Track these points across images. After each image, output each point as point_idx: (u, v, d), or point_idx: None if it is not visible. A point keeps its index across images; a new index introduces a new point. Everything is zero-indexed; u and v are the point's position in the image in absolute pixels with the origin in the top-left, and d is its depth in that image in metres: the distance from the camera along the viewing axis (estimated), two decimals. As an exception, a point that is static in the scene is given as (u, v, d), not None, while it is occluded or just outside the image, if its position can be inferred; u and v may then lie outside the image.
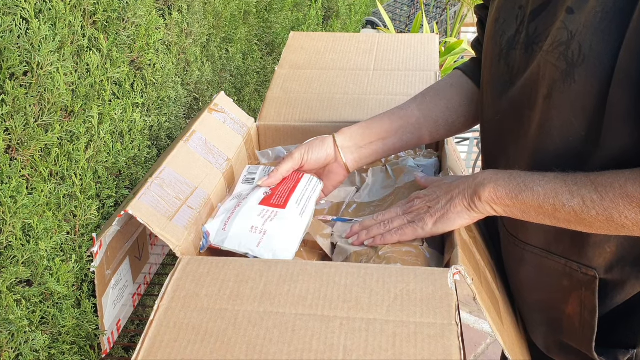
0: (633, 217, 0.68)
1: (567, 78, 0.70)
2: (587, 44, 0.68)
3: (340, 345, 0.66)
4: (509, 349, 0.77)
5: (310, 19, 2.15)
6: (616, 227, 0.70)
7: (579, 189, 0.71)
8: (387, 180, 1.08)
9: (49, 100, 0.81)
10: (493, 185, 0.78)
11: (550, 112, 0.74)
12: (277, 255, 0.85)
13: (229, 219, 0.89)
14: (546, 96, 0.74)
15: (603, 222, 0.71)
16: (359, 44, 1.45)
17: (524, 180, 0.76)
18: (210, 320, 0.70)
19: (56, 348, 0.85)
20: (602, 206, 0.70)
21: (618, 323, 0.82)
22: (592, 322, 0.80)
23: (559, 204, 0.73)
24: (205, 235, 0.88)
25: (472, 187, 0.80)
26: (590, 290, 0.79)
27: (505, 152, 0.85)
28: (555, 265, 0.81)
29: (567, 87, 0.70)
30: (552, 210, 0.74)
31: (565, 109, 0.72)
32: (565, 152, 0.74)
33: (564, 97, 0.71)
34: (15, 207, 0.76)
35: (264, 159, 1.17)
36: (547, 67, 0.73)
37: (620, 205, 0.68)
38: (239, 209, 0.90)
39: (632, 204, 0.68)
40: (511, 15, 0.81)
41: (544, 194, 0.74)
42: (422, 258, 0.85)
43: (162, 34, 1.13)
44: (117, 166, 1.00)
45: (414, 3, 3.80)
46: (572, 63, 0.69)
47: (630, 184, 0.68)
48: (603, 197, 0.69)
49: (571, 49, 0.70)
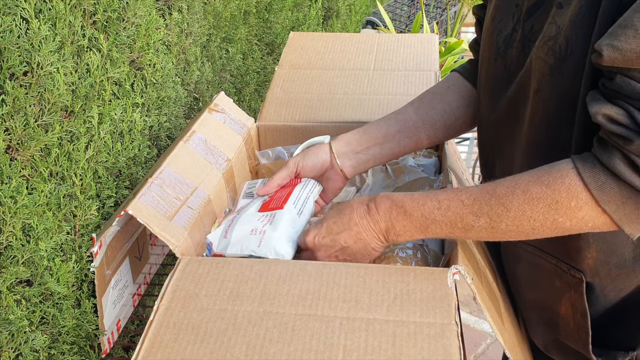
0: (541, 218, 0.68)
1: (555, 72, 0.70)
2: (572, 39, 0.68)
3: (340, 345, 0.66)
4: (510, 349, 0.77)
5: (310, 19, 2.15)
6: (529, 233, 0.71)
7: (480, 206, 0.71)
8: (387, 180, 1.08)
9: (49, 100, 0.81)
10: (395, 227, 0.77)
11: (540, 106, 0.74)
12: (278, 251, 0.85)
13: (230, 227, 0.90)
14: (536, 90, 0.74)
15: (514, 232, 0.71)
16: (359, 44, 1.45)
17: (423, 214, 0.75)
18: (210, 321, 0.70)
19: (56, 348, 0.85)
20: (509, 217, 0.70)
21: (615, 324, 0.81)
22: (585, 324, 0.80)
23: (467, 226, 0.73)
24: (209, 246, 0.90)
25: (377, 224, 0.79)
26: (578, 293, 0.79)
27: (501, 151, 0.85)
28: (548, 265, 0.81)
29: (555, 82, 0.71)
30: (464, 232, 0.74)
31: (552, 102, 0.72)
32: (555, 144, 0.74)
33: (552, 91, 0.71)
34: (15, 207, 0.76)
35: (264, 159, 1.17)
36: (538, 62, 0.73)
37: (527, 210, 0.68)
38: (238, 217, 0.92)
39: (539, 205, 0.68)
40: (508, 13, 0.81)
41: (450, 223, 0.73)
42: (422, 257, 0.85)
43: (162, 34, 1.13)
44: (117, 166, 1.00)
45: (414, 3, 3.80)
46: (560, 57, 0.70)
47: (533, 186, 0.68)
48: (508, 209, 0.69)
49: (558, 43, 0.70)
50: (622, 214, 0.65)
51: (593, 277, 0.78)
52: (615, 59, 0.61)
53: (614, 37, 0.60)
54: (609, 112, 0.63)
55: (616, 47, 0.60)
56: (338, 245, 0.81)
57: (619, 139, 0.63)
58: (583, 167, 0.66)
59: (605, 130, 0.64)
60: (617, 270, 0.77)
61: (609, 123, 0.63)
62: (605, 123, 0.63)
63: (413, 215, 0.75)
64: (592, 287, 0.79)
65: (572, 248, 0.77)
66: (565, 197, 0.66)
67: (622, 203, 0.65)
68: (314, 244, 0.83)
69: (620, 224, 0.66)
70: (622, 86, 0.62)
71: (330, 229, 0.82)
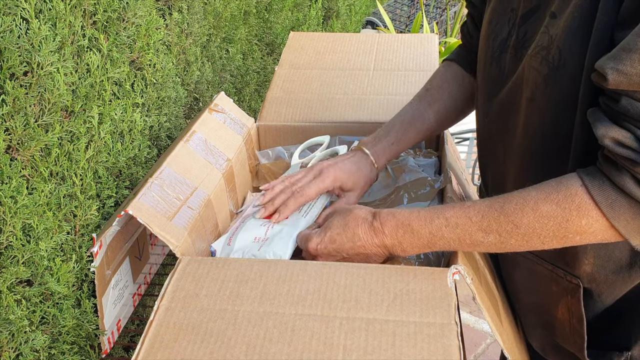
0: (552, 235, 0.69)
1: (549, 82, 0.71)
2: (566, 49, 0.69)
3: (340, 345, 0.66)
4: (508, 349, 0.77)
5: (310, 19, 2.15)
6: (538, 247, 0.71)
7: (489, 223, 0.71)
8: (387, 180, 1.08)
9: (49, 100, 0.82)
10: (402, 244, 0.78)
11: (534, 114, 0.74)
12: (276, 252, 0.85)
13: (234, 234, 0.91)
14: (530, 99, 0.74)
15: (524, 247, 0.72)
16: (359, 44, 1.45)
17: (431, 231, 0.75)
18: (210, 320, 0.70)
19: (56, 348, 0.85)
20: (519, 234, 0.70)
21: (610, 325, 0.81)
22: (581, 330, 0.80)
23: (476, 242, 0.73)
24: (213, 254, 0.90)
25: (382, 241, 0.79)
26: (575, 298, 0.79)
27: (495, 155, 0.85)
28: (544, 270, 0.81)
29: (549, 91, 0.71)
30: (472, 248, 0.75)
31: (548, 112, 0.72)
32: (551, 153, 0.74)
33: (547, 100, 0.72)
34: (16, 207, 0.76)
35: (264, 159, 1.17)
36: (531, 71, 0.73)
37: (537, 228, 0.69)
38: (242, 224, 0.93)
39: (549, 224, 0.68)
40: (504, 18, 0.82)
41: (458, 240, 0.74)
42: (425, 258, 0.85)
43: (162, 34, 1.13)
44: (117, 166, 1.00)
45: (414, 3, 3.80)
46: (554, 67, 0.70)
47: (542, 204, 0.68)
48: (518, 226, 0.70)
49: (552, 53, 0.70)
50: (630, 229, 0.66)
51: (590, 283, 0.78)
52: (620, 83, 0.61)
53: (618, 61, 0.61)
54: (616, 135, 0.63)
55: (621, 71, 0.60)
56: (340, 256, 0.82)
57: (627, 162, 0.63)
58: (592, 184, 0.66)
59: (613, 153, 0.64)
60: (614, 276, 0.77)
61: (617, 146, 0.63)
62: (613, 147, 0.64)
63: (420, 233, 0.76)
64: (589, 292, 0.79)
65: (570, 254, 0.77)
66: (576, 215, 0.67)
67: (631, 219, 0.65)
68: (316, 251, 0.83)
69: (628, 237, 0.67)
70: (628, 109, 0.62)
71: (333, 239, 0.82)
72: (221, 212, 0.99)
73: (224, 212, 1.01)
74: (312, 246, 0.83)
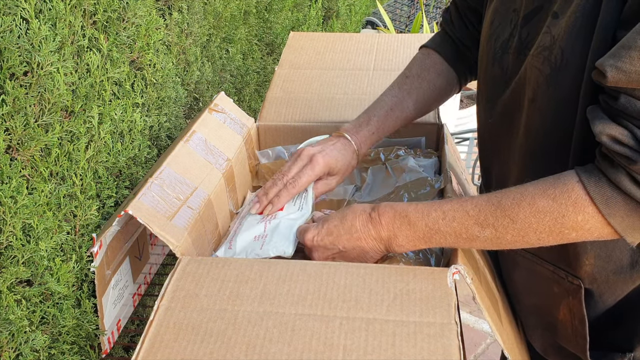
0: (548, 230, 0.69)
1: (551, 82, 0.71)
2: (568, 49, 0.69)
3: (340, 345, 0.66)
4: (508, 349, 0.77)
5: (310, 19, 2.15)
6: (534, 243, 0.71)
7: (485, 217, 0.71)
8: (387, 179, 1.08)
9: (49, 100, 0.82)
10: (398, 237, 0.78)
11: (535, 115, 0.74)
12: (279, 248, 0.85)
13: (233, 238, 0.91)
14: (531, 99, 0.74)
15: (520, 243, 0.72)
16: (359, 44, 1.45)
17: (427, 224, 0.75)
18: (210, 320, 0.70)
19: (56, 348, 0.85)
20: (515, 228, 0.70)
21: (612, 327, 0.81)
22: (582, 331, 0.80)
23: (472, 237, 0.73)
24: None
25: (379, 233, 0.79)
26: (577, 299, 0.79)
27: (498, 156, 0.85)
28: (545, 271, 0.81)
29: (551, 91, 0.71)
30: (468, 243, 0.75)
31: (549, 112, 0.72)
32: (551, 153, 0.74)
33: (548, 100, 0.72)
34: (16, 207, 0.76)
35: (264, 159, 1.17)
36: (533, 71, 0.73)
37: (534, 223, 0.69)
38: (240, 226, 0.93)
39: (545, 219, 0.68)
40: (506, 18, 0.82)
41: (454, 234, 0.74)
42: (425, 258, 0.85)
43: (162, 34, 1.13)
44: (117, 166, 1.00)
45: (414, 3, 3.80)
46: (556, 68, 0.70)
47: (539, 199, 0.68)
48: (514, 220, 0.70)
49: (554, 53, 0.70)
50: (625, 225, 0.66)
51: (591, 284, 0.78)
52: (619, 80, 0.61)
53: (617, 59, 0.61)
54: (613, 132, 0.63)
55: (620, 69, 0.60)
56: (336, 248, 0.82)
57: (623, 159, 0.63)
58: (588, 181, 0.66)
59: (610, 150, 0.65)
60: (615, 276, 0.77)
61: (614, 144, 0.64)
62: (610, 144, 0.64)
63: (417, 225, 0.75)
64: (590, 293, 0.79)
65: (570, 255, 0.77)
66: (572, 211, 0.67)
67: (626, 215, 0.66)
68: (312, 244, 0.83)
69: (623, 234, 0.67)
70: (626, 107, 0.62)
71: (330, 231, 0.82)
72: (221, 212, 0.99)
73: (224, 212, 1.01)
74: (309, 237, 0.83)
